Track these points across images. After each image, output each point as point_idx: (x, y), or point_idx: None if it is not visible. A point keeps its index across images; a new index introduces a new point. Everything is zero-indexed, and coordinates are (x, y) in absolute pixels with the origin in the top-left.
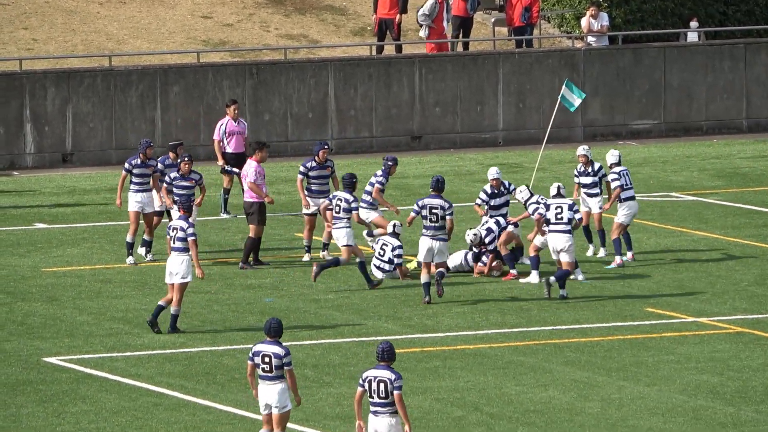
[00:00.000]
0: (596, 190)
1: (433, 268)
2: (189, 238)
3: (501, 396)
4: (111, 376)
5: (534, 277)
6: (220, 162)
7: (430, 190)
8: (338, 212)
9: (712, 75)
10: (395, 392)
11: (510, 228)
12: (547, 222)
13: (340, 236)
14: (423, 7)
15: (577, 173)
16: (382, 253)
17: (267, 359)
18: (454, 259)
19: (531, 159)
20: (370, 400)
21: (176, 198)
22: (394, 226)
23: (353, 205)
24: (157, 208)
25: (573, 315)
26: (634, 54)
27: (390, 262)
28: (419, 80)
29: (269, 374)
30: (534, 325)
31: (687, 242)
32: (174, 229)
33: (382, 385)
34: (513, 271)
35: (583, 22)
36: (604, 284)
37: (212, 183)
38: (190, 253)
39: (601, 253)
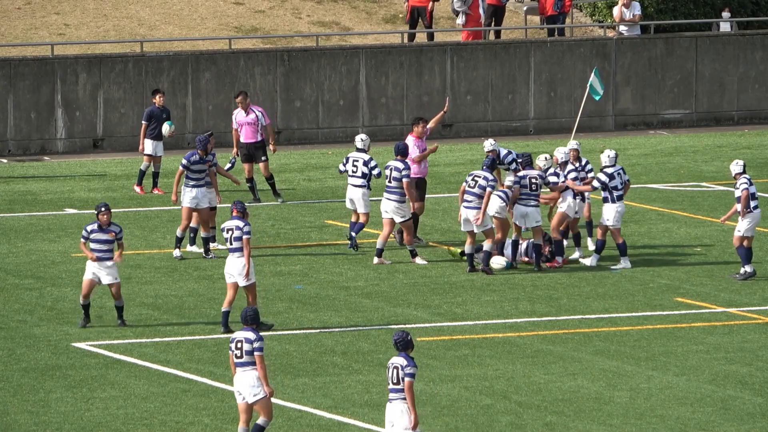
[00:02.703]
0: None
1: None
2: (244, 237)
3: (530, 384)
4: (140, 362)
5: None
6: (233, 152)
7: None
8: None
9: (743, 65)
10: (406, 379)
11: (563, 209)
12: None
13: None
14: None
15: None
16: (354, 170)
17: (239, 345)
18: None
19: None
20: (388, 387)
21: (95, 250)
22: (362, 140)
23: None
24: (211, 204)
25: (602, 304)
26: (666, 43)
27: (363, 176)
28: (451, 68)
29: (240, 360)
30: (563, 314)
31: (717, 232)
32: (229, 230)
33: (395, 371)
34: (559, 259)
35: (615, 11)
36: (634, 273)
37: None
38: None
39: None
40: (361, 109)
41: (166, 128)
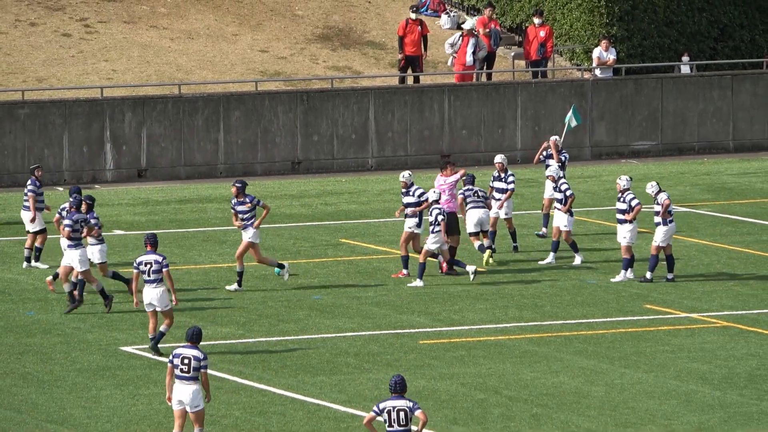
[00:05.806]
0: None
1: None
2: (163, 270)
3: (518, 381)
4: None
5: (628, 274)
6: None
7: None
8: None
9: (703, 102)
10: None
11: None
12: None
13: None
14: (450, 38)
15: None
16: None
17: (186, 361)
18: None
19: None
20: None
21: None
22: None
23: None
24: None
25: (581, 311)
26: (636, 84)
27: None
28: (448, 106)
29: (186, 375)
30: (547, 319)
31: (680, 248)
32: (147, 263)
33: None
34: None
35: (596, 52)
36: (609, 284)
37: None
38: (165, 283)
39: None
40: (370, 142)
41: None
